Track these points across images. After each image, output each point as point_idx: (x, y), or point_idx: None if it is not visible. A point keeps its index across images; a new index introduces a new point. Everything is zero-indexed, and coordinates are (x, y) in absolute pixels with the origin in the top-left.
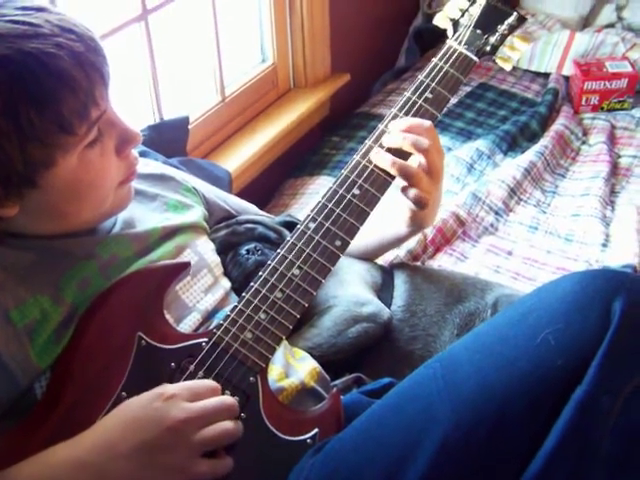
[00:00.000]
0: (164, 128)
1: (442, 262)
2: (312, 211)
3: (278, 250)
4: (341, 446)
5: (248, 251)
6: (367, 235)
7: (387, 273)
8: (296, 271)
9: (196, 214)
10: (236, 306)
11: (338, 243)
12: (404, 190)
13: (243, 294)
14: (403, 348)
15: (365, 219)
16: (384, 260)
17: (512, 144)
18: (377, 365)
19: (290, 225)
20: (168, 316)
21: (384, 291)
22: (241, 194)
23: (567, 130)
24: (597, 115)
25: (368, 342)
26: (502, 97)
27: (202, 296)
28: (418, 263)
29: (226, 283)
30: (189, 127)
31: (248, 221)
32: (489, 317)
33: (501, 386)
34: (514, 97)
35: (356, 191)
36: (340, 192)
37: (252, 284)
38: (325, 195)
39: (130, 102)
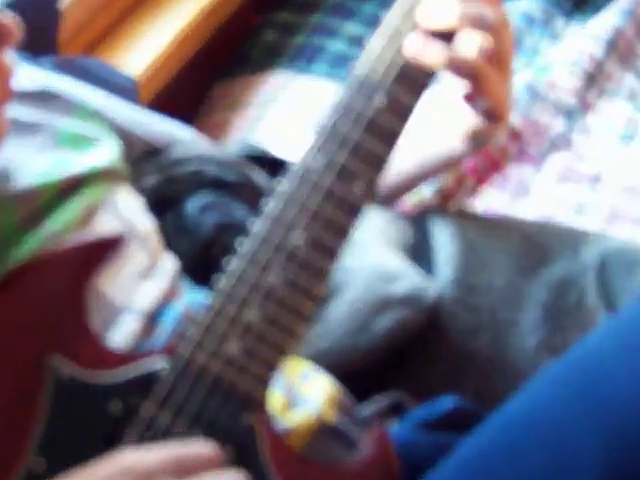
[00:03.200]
0: (22, 8)
1: (490, 201)
2: (313, 139)
3: (266, 208)
4: None
5: (200, 208)
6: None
7: (420, 226)
8: (298, 239)
9: (108, 151)
10: (209, 304)
11: (360, 187)
12: (470, 99)
13: (217, 283)
14: (460, 345)
15: (394, 144)
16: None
17: (579, 0)
18: (420, 375)
19: (257, 160)
20: None
21: (420, 254)
22: None
23: None
24: None
25: (405, 339)
26: None
27: (136, 286)
28: (453, 204)
29: (170, 262)
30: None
31: (190, 159)
32: (592, 286)
33: None
34: None
35: (379, 102)
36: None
37: (228, 266)
38: (332, 112)
39: None
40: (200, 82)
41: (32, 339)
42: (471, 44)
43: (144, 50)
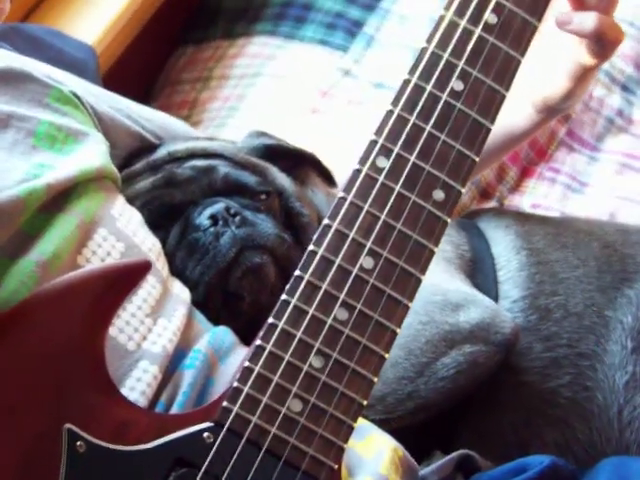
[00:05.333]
0: None
1: (536, 197)
2: (379, 134)
3: (326, 221)
4: None
5: (214, 219)
6: None
7: (473, 233)
8: (368, 262)
9: (96, 150)
10: (261, 347)
11: (440, 195)
12: (572, 19)
13: (271, 320)
14: (535, 386)
15: (483, 142)
16: None
17: None
18: (488, 424)
19: (275, 153)
20: None
21: (481, 271)
22: None
23: None
24: None
25: (474, 383)
26: None
27: (150, 325)
28: (493, 203)
29: (182, 292)
30: None
31: (194, 154)
32: None
33: None
34: None
35: (458, 85)
36: (429, 90)
37: (285, 297)
38: (400, 98)
39: None
40: (159, 50)
41: (39, 399)
42: None
43: (92, 15)
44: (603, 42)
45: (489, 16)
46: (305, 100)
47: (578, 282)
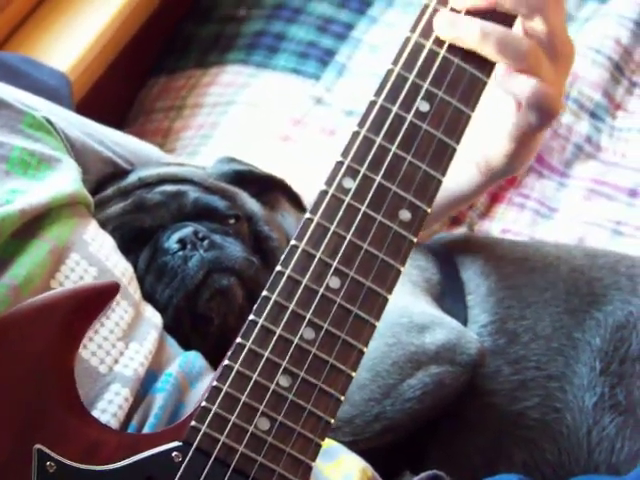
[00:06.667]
0: None
1: (506, 222)
2: (345, 155)
3: (293, 242)
4: None
5: (182, 242)
6: None
7: (442, 257)
8: (334, 282)
9: (69, 176)
10: (229, 367)
11: (406, 215)
12: (508, 81)
13: (238, 340)
14: (503, 408)
15: (448, 162)
16: None
17: None
18: (457, 446)
19: (245, 179)
20: None
21: (450, 295)
22: None
23: None
24: None
25: (441, 404)
26: None
27: (122, 348)
28: (463, 229)
29: (154, 316)
30: None
31: (164, 179)
32: None
33: None
34: None
35: (424, 106)
36: (395, 111)
37: (252, 317)
38: (366, 119)
39: None
40: (133, 78)
41: (9, 419)
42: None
43: (66, 43)
44: (538, 112)
45: None
46: (277, 128)
47: (546, 305)
